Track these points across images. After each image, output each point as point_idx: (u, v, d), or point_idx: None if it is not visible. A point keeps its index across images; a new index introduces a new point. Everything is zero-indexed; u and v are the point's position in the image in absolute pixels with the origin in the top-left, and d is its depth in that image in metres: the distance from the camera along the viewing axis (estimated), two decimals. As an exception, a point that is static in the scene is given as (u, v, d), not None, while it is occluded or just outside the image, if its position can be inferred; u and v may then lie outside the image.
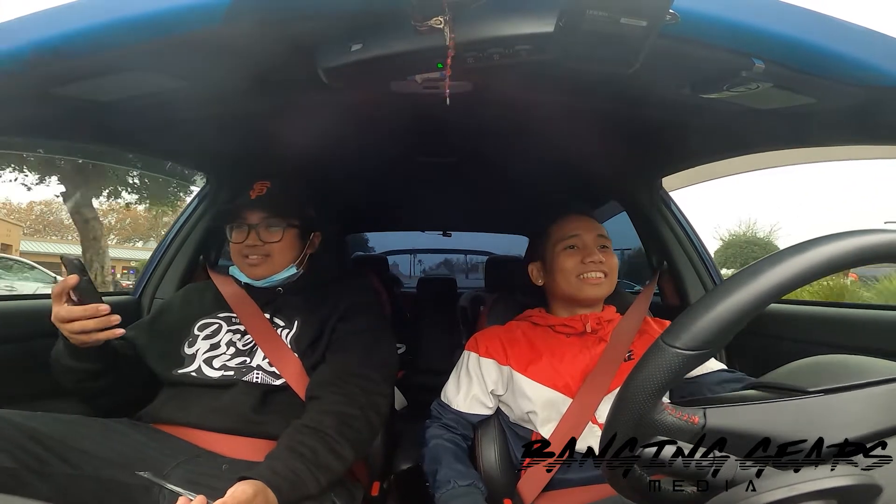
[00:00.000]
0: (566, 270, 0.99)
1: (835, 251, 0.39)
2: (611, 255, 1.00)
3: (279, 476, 0.70)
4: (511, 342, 1.02)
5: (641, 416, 0.40)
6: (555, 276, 1.01)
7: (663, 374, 0.39)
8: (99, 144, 1.11)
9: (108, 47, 0.66)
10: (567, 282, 0.99)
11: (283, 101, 0.97)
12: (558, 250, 1.01)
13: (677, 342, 0.39)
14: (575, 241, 1.00)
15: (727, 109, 0.83)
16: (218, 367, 0.93)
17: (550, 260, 1.02)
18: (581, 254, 0.99)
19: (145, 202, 9.68)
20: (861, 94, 0.71)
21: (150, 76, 0.77)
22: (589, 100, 0.94)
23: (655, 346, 0.41)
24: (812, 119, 0.84)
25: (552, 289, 1.04)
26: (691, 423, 0.41)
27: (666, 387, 0.40)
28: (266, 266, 1.00)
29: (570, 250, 1.00)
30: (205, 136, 1.18)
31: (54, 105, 0.82)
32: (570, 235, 1.01)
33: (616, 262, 1.01)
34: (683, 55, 0.67)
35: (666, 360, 0.39)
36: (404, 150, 1.41)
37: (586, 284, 0.97)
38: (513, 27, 0.58)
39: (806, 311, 1.23)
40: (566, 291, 1.00)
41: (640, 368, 0.41)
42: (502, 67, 0.64)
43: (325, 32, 0.65)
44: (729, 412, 0.41)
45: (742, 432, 0.41)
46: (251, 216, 1.00)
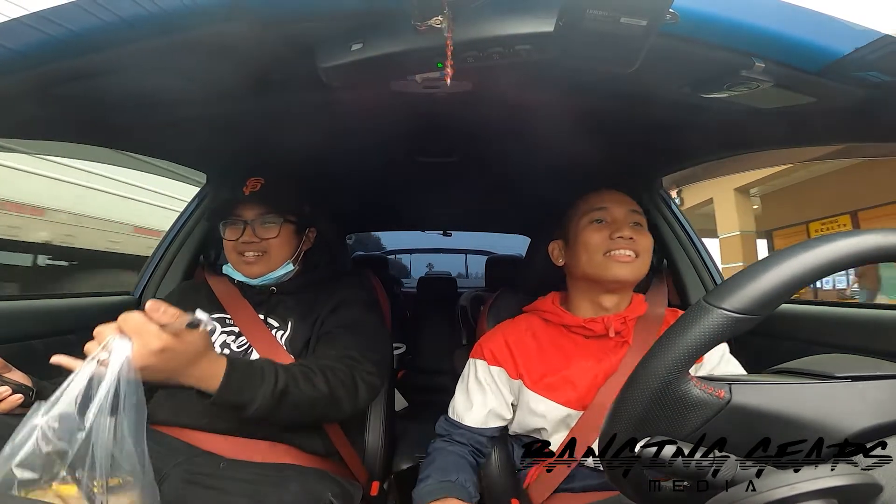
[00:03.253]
0: (591, 246, 0.86)
1: (886, 241, 0.38)
2: (645, 235, 0.88)
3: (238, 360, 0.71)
4: (520, 348, 0.91)
5: (667, 385, 0.38)
6: (578, 253, 0.89)
7: (702, 336, 0.37)
8: (99, 144, 1.11)
9: (108, 47, 0.66)
10: (591, 260, 0.86)
11: (283, 100, 0.97)
12: (583, 224, 0.89)
13: (724, 303, 0.37)
14: (603, 214, 0.89)
15: (727, 109, 0.83)
16: None
17: (574, 235, 0.90)
18: (609, 228, 0.87)
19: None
20: (861, 94, 0.72)
21: (150, 76, 0.77)
22: (589, 99, 0.94)
23: (697, 307, 0.38)
24: (812, 119, 0.84)
25: (574, 269, 0.91)
26: (716, 397, 0.39)
27: (701, 352, 0.37)
28: (262, 264, 0.98)
29: (596, 224, 0.88)
30: (205, 136, 1.18)
31: (54, 105, 0.82)
32: (597, 207, 0.89)
33: (650, 243, 0.88)
34: (683, 55, 0.67)
35: (709, 322, 0.37)
36: (404, 150, 1.40)
37: (613, 262, 0.85)
38: (513, 27, 0.58)
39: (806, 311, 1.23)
40: (589, 271, 0.87)
41: (677, 330, 0.38)
42: (502, 67, 0.64)
43: (324, 32, 0.65)
44: (755, 389, 0.40)
45: (766, 411, 0.39)
46: (246, 212, 0.98)
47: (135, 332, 0.58)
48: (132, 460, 0.55)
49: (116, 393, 0.54)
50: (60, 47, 0.65)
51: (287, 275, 1.02)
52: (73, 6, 0.60)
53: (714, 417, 0.39)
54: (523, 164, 1.48)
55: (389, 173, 1.67)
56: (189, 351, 0.63)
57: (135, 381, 0.56)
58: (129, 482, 0.56)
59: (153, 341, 0.58)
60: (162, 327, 0.59)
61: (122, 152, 1.29)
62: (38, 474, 0.51)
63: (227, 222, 1.00)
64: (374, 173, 1.66)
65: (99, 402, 0.53)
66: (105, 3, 0.61)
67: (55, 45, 0.64)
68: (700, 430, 0.40)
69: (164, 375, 0.61)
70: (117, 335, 0.58)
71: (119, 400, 0.54)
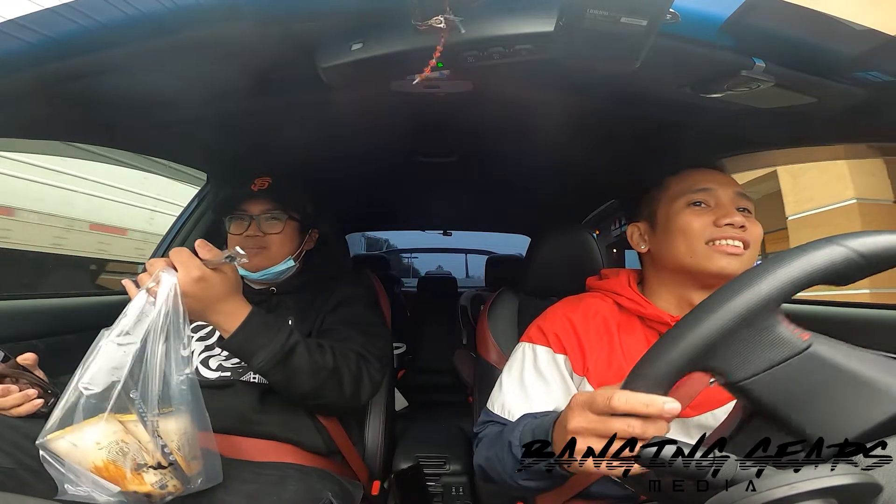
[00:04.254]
0: (692, 233, 0.74)
1: None
2: (755, 223, 0.75)
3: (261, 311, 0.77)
4: (589, 336, 0.78)
5: (762, 309, 0.37)
6: (672, 240, 0.76)
7: (816, 269, 0.36)
8: (99, 144, 1.11)
9: (109, 47, 0.66)
10: (690, 249, 0.74)
11: (283, 100, 0.97)
12: (679, 206, 0.77)
13: (853, 243, 0.36)
14: (705, 196, 0.76)
15: (727, 109, 0.83)
16: (215, 368, 0.93)
17: (666, 219, 0.78)
18: (714, 213, 0.74)
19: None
20: (861, 94, 0.72)
21: (151, 76, 0.77)
22: (589, 99, 0.94)
23: (824, 240, 0.37)
24: (812, 119, 0.84)
25: (663, 257, 0.78)
26: (799, 339, 0.38)
27: (805, 286, 0.37)
28: (263, 257, 0.98)
29: (697, 207, 0.76)
30: (205, 136, 1.18)
31: (55, 105, 0.82)
32: (699, 188, 0.76)
33: (761, 233, 0.75)
34: (683, 55, 0.67)
35: (830, 256, 0.36)
36: (404, 150, 1.40)
37: (718, 254, 0.72)
38: (513, 26, 0.59)
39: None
40: (686, 262, 0.74)
41: (790, 255, 0.37)
42: (503, 66, 0.64)
43: (325, 31, 0.65)
44: (838, 346, 0.39)
45: (841, 367, 0.38)
46: (252, 207, 0.99)
47: (180, 263, 0.67)
48: (182, 388, 0.61)
49: (166, 320, 0.62)
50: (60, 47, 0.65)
51: (287, 272, 1.02)
52: (73, 6, 0.60)
53: (783, 363, 0.38)
54: (523, 164, 1.48)
55: (390, 173, 1.67)
56: (223, 286, 0.71)
57: (182, 311, 0.64)
58: (180, 409, 0.61)
59: (194, 270, 0.67)
60: (204, 262, 0.69)
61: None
62: (100, 389, 0.57)
63: (233, 217, 1.00)
64: (374, 173, 1.66)
65: (150, 326, 0.60)
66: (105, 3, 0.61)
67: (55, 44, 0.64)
68: (760, 376, 0.39)
69: (200, 305, 0.69)
70: (166, 268, 0.66)
71: (169, 328, 0.61)
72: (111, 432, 0.57)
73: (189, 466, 0.62)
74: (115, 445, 0.58)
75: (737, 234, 0.72)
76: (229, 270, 0.73)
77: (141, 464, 0.59)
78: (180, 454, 0.61)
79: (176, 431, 0.61)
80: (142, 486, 0.59)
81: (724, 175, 0.79)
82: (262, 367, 0.76)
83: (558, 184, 1.70)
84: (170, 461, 0.60)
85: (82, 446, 0.57)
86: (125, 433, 0.58)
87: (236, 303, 0.75)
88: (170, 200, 5.64)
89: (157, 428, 0.59)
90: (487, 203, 2.15)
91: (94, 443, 0.57)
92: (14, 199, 4.33)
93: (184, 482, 0.62)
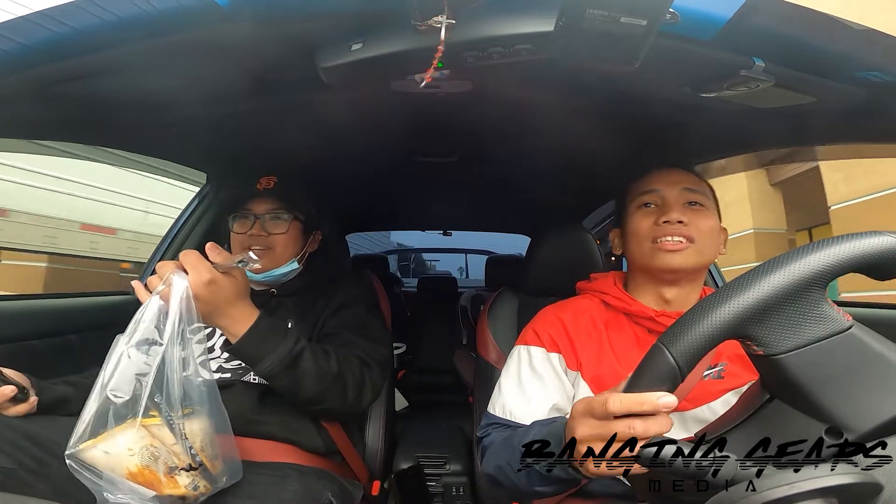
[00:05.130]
0: (640, 234, 0.79)
1: None
2: (702, 215, 0.77)
3: (268, 317, 0.77)
4: (579, 333, 0.81)
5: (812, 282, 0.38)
6: (629, 242, 0.82)
7: (866, 254, 0.38)
8: (99, 144, 1.11)
9: (108, 47, 0.66)
10: (640, 249, 0.79)
11: (283, 100, 0.97)
12: (632, 209, 0.82)
13: None
14: (652, 197, 0.80)
15: (727, 109, 0.83)
16: (215, 370, 0.93)
17: (626, 222, 0.84)
18: (658, 213, 0.78)
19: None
20: (861, 94, 0.72)
21: (150, 76, 0.77)
22: (589, 99, 0.94)
23: (877, 231, 0.39)
24: (812, 119, 0.84)
25: (629, 259, 0.85)
26: (843, 318, 0.39)
27: (853, 269, 0.38)
28: (268, 258, 0.98)
29: (645, 209, 0.80)
30: (205, 136, 1.18)
31: (54, 105, 0.82)
32: (646, 191, 0.81)
33: (711, 225, 0.77)
34: (683, 55, 0.67)
35: (881, 245, 0.38)
36: (404, 150, 1.40)
37: (660, 252, 0.75)
38: (513, 26, 0.59)
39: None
40: (641, 261, 0.80)
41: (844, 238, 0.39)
42: (502, 66, 0.64)
43: (324, 32, 0.65)
44: (875, 334, 0.40)
45: (879, 353, 0.39)
46: (257, 206, 0.99)
47: (191, 265, 0.67)
48: (202, 390, 0.62)
49: (180, 323, 0.62)
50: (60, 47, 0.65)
51: (289, 274, 1.02)
52: (73, 6, 0.60)
53: (826, 339, 0.39)
54: (523, 164, 1.48)
55: (389, 173, 1.67)
56: (232, 290, 0.72)
57: (195, 313, 0.64)
58: (200, 411, 0.61)
59: (205, 273, 0.67)
60: (214, 265, 0.69)
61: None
62: (128, 395, 0.58)
63: (237, 216, 1.00)
64: (374, 173, 1.66)
65: (168, 330, 0.61)
66: (105, 3, 0.61)
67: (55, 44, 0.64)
68: (801, 350, 0.39)
69: (209, 309, 0.70)
70: (176, 271, 0.66)
71: (184, 330, 0.62)
72: (139, 437, 0.58)
73: (213, 466, 0.63)
74: (146, 451, 0.58)
75: (676, 230, 0.75)
76: (239, 274, 0.73)
77: (173, 467, 0.59)
78: (204, 454, 0.61)
79: (199, 432, 0.61)
80: (176, 489, 0.60)
81: (674, 172, 0.82)
82: (270, 372, 0.75)
83: (558, 184, 1.70)
84: (198, 462, 0.60)
85: (115, 453, 0.57)
86: (151, 437, 0.58)
87: (245, 307, 0.75)
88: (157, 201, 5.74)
89: (183, 430, 0.59)
90: (487, 203, 2.15)
91: (127, 449, 0.57)
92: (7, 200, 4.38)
93: (211, 482, 0.62)
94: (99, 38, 0.64)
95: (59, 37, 0.63)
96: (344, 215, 2.21)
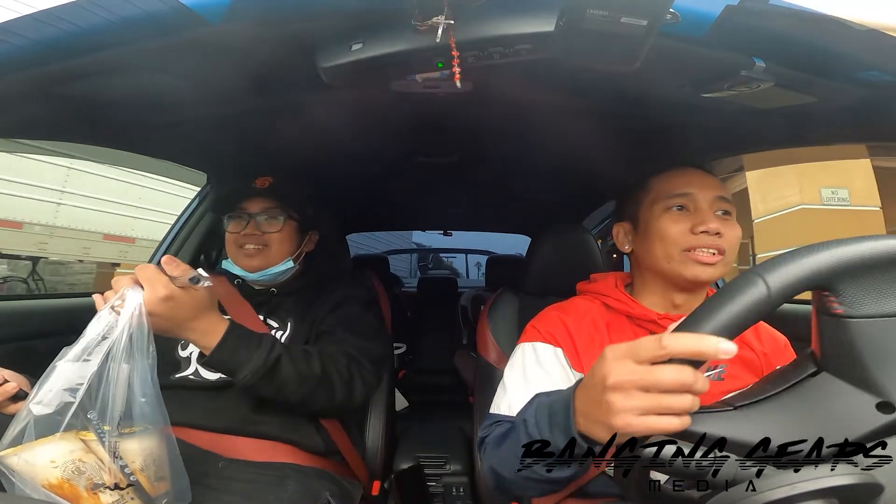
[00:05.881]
0: (669, 239, 0.74)
1: None
2: (732, 226, 0.74)
3: (239, 325, 0.76)
4: (581, 334, 0.78)
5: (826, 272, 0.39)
6: (650, 244, 0.77)
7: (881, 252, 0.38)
8: (99, 144, 1.11)
9: (108, 47, 0.66)
10: (667, 255, 0.74)
11: (283, 100, 0.97)
12: (659, 210, 0.76)
13: None
14: (685, 200, 0.75)
15: (727, 109, 0.83)
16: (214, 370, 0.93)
17: (646, 222, 0.78)
18: (692, 219, 0.73)
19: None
20: (861, 94, 0.72)
21: (150, 76, 0.77)
22: (589, 99, 0.94)
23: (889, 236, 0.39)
24: (812, 119, 0.84)
25: (643, 260, 0.79)
26: (834, 313, 0.40)
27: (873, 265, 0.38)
28: (262, 257, 0.98)
29: (676, 212, 0.75)
30: (205, 136, 1.18)
31: (54, 105, 0.82)
32: (678, 193, 0.76)
33: (738, 236, 0.74)
34: (683, 55, 0.67)
35: None
36: (404, 150, 1.41)
37: (693, 262, 0.72)
38: (513, 26, 0.59)
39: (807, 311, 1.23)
40: (664, 267, 0.75)
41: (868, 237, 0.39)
42: (503, 67, 0.64)
43: (324, 32, 0.65)
44: None
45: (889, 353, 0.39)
46: (251, 206, 0.99)
47: (146, 280, 0.64)
48: (145, 410, 0.59)
49: (130, 339, 0.59)
50: (60, 47, 0.65)
51: (287, 273, 1.02)
52: (73, 6, 0.60)
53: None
54: (523, 164, 1.48)
55: (390, 173, 1.67)
56: (193, 304, 0.68)
57: (147, 331, 0.61)
58: (144, 430, 0.60)
59: (161, 289, 0.64)
60: (172, 279, 0.65)
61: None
62: (50, 409, 0.56)
63: (232, 215, 1.00)
64: (374, 173, 1.66)
65: (111, 346, 0.58)
66: (105, 3, 0.60)
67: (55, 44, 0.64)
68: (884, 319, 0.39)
69: (169, 325, 0.67)
70: (131, 286, 0.64)
71: (132, 347, 0.59)
72: (69, 451, 0.56)
73: (154, 487, 0.61)
74: (71, 464, 0.56)
75: (712, 241, 0.72)
76: (201, 290, 0.70)
77: (98, 483, 0.57)
78: (144, 474, 0.59)
79: (140, 452, 0.59)
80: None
81: (706, 177, 0.78)
82: (248, 382, 0.74)
83: (558, 184, 1.70)
84: (130, 482, 0.58)
85: (35, 464, 0.56)
86: (85, 452, 0.57)
87: (211, 320, 0.72)
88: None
89: (115, 448, 0.57)
90: (487, 203, 2.15)
91: (49, 461, 0.56)
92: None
93: (146, 502, 0.60)
94: (100, 39, 0.64)
95: (60, 36, 0.63)
96: (344, 215, 2.21)
